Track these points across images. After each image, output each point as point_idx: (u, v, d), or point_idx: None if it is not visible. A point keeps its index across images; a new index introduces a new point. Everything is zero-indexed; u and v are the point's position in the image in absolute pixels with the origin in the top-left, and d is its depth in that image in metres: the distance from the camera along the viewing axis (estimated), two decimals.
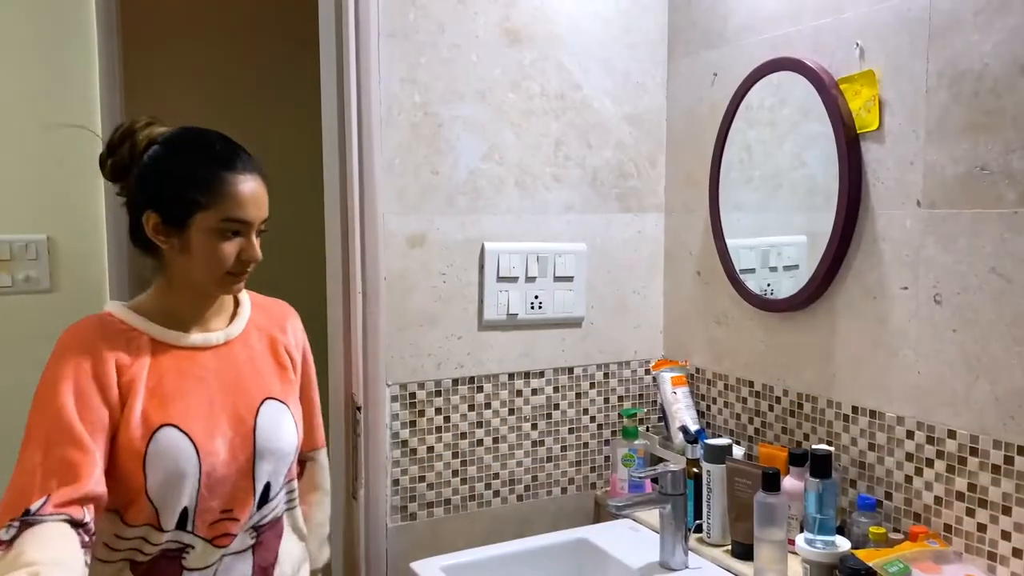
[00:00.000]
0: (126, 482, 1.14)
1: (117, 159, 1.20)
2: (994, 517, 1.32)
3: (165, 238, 1.17)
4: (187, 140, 1.21)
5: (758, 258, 1.78)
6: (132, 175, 1.19)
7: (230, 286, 1.22)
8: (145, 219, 1.17)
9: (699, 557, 1.58)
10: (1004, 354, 1.30)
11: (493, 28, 1.80)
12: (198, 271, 1.18)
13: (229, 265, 1.18)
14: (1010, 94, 1.28)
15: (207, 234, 1.16)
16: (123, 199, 1.22)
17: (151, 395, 1.15)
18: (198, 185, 1.15)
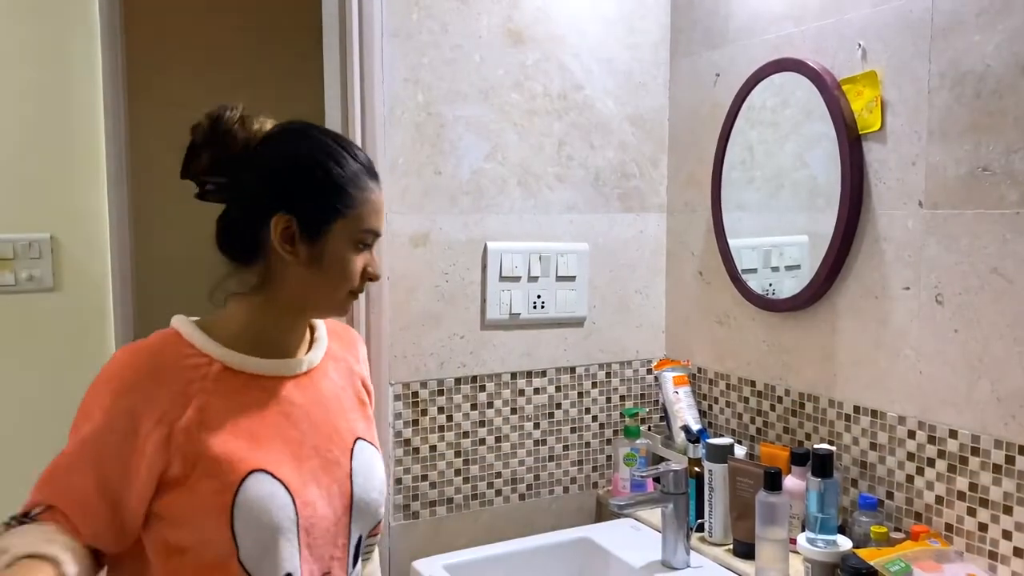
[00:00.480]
0: (203, 552, 0.92)
1: (220, 150, 1.00)
2: (995, 516, 1.33)
3: (291, 247, 0.98)
4: (329, 138, 1.03)
5: (760, 258, 1.79)
6: (248, 171, 1.00)
7: (348, 305, 1.06)
8: (273, 223, 0.98)
9: (701, 556, 1.58)
10: (1005, 354, 1.30)
11: (496, 28, 1.80)
12: (326, 286, 1.02)
13: (356, 281, 1.03)
14: (1012, 95, 1.28)
15: (343, 245, 1.00)
16: (216, 197, 1.03)
17: (230, 436, 0.95)
18: (343, 190, 0.99)
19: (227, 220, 1.03)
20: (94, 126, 1.97)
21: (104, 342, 2.00)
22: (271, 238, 0.99)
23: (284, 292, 1.02)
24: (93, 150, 1.97)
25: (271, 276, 1.01)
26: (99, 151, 1.97)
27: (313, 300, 1.04)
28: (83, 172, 1.97)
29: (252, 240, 1.01)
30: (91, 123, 1.97)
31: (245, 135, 1.01)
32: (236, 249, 1.03)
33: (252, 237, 1.01)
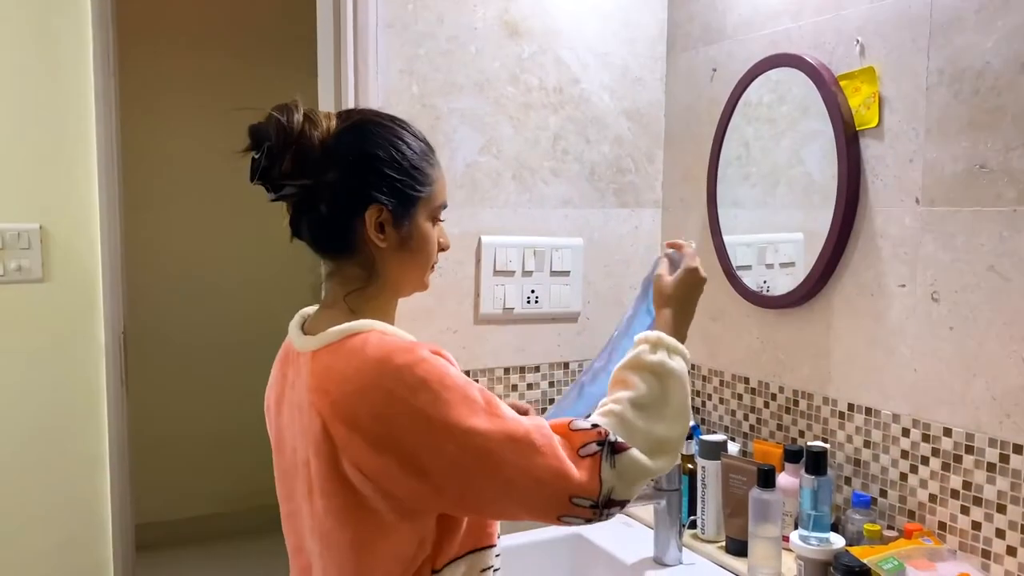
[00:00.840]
0: None
1: (301, 153, 0.99)
2: (988, 515, 1.32)
3: (382, 234, 1.01)
4: (394, 123, 1.05)
5: (755, 255, 1.78)
6: (331, 169, 1.00)
7: (428, 278, 1.11)
8: (368, 215, 1.00)
9: (693, 553, 1.58)
10: (1001, 352, 1.30)
11: (492, 21, 1.79)
12: (415, 266, 1.07)
13: (436, 255, 1.09)
14: (1011, 92, 1.28)
15: (424, 223, 1.05)
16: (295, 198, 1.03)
17: None
18: (421, 171, 1.04)
19: (318, 220, 1.02)
20: (84, 115, 1.95)
21: (93, 333, 1.98)
22: (365, 230, 1.01)
23: (386, 279, 1.05)
24: (83, 140, 1.95)
25: (372, 266, 1.04)
26: (89, 141, 1.95)
27: (406, 281, 1.08)
28: (73, 162, 1.95)
29: (347, 234, 1.02)
30: (81, 112, 1.95)
31: (318, 134, 1.01)
32: (335, 246, 1.04)
33: (347, 232, 1.02)
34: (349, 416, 0.93)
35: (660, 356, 1.05)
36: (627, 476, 0.96)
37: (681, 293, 1.17)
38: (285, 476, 1.09)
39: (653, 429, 1.00)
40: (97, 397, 1.99)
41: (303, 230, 1.05)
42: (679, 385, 1.04)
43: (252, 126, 1.02)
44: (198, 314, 3.61)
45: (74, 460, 1.98)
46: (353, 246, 1.03)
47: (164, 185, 3.50)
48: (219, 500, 3.70)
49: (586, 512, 0.96)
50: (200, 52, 3.53)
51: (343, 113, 1.06)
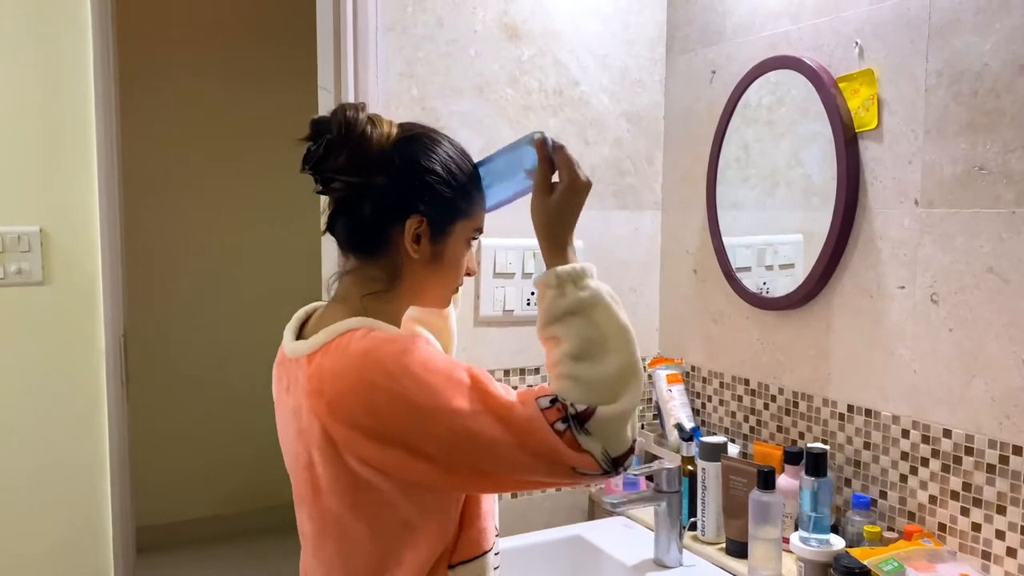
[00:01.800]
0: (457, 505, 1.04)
1: (358, 151, 1.01)
2: (988, 516, 1.32)
3: (417, 245, 1.03)
4: (447, 142, 1.07)
5: (754, 256, 1.78)
6: (384, 173, 1.02)
7: (449, 298, 1.14)
8: (408, 224, 1.02)
9: (693, 555, 1.58)
10: (1000, 354, 1.30)
11: (491, 23, 1.79)
12: (441, 282, 1.09)
13: (462, 277, 1.11)
14: (1009, 94, 1.28)
15: (459, 243, 1.07)
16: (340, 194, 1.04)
17: None
18: (468, 194, 1.06)
19: (357, 218, 1.04)
20: (84, 118, 1.95)
21: (94, 336, 1.98)
22: (401, 237, 1.03)
23: (406, 287, 1.06)
24: (83, 143, 1.95)
25: (397, 272, 1.05)
26: (90, 144, 1.95)
27: (427, 295, 1.10)
28: (73, 165, 1.95)
29: (382, 237, 1.04)
30: (81, 115, 1.95)
31: (378, 137, 1.03)
32: (367, 246, 1.05)
33: (382, 235, 1.04)
34: (345, 414, 0.94)
35: (570, 293, 1.01)
36: (608, 433, 0.95)
37: (563, 209, 1.07)
38: (291, 474, 1.10)
39: (604, 370, 0.97)
40: (97, 400, 1.99)
41: (339, 225, 1.06)
42: (602, 310, 1.01)
43: (316, 118, 1.04)
44: (198, 317, 3.61)
45: (74, 463, 1.98)
46: (383, 249, 1.04)
47: (164, 187, 3.50)
48: (219, 502, 3.70)
49: (598, 477, 0.96)
50: (201, 57, 3.54)
51: (404, 124, 1.08)
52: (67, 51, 1.93)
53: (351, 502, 0.98)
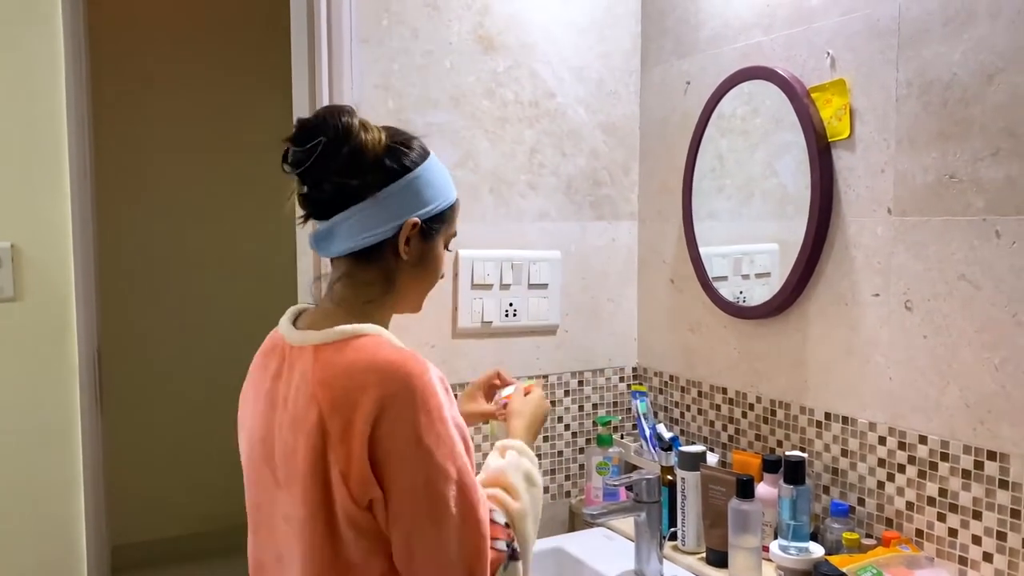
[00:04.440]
0: None
1: (355, 154, 1.03)
2: (964, 522, 1.33)
3: (408, 247, 1.07)
4: (428, 150, 1.12)
5: (731, 266, 1.79)
6: (380, 177, 1.05)
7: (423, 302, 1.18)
8: (404, 226, 1.06)
9: (674, 565, 1.58)
10: (973, 360, 1.31)
11: (467, 35, 1.79)
12: (423, 284, 1.13)
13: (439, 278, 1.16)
14: (978, 103, 1.29)
15: (440, 245, 1.12)
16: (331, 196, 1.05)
17: None
18: (449, 199, 1.11)
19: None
20: (56, 131, 1.93)
21: (67, 353, 1.95)
22: (394, 241, 1.06)
23: (398, 291, 1.10)
24: (56, 156, 1.93)
25: (389, 277, 1.09)
26: (62, 156, 1.93)
27: (411, 297, 1.13)
28: (45, 178, 1.92)
29: (376, 242, 1.06)
30: (53, 128, 1.92)
31: (372, 143, 1.05)
32: (361, 251, 1.07)
33: (377, 239, 1.06)
34: (348, 411, 0.95)
35: (536, 477, 1.13)
36: None
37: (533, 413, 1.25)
38: (255, 465, 1.10)
39: (532, 538, 1.10)
40: (71, 417, 1.96)
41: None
42: (539, 495, 1.13)
43: (305, 119, 1.06)
44: (175, 332, 3.57)
45: (47, 482, 1.95)
46: (377, 253, 1.07)
47: (140, 200, 3.47)
48: (197, 520, 3.65)
49: None
50: (175, 69, 3.52)
51: (389, 128, 1.10)
52: (38, 62, 1.91)
53: (312, 498, 0.98)
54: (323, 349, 1.01)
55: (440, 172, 1.11)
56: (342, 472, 0.95)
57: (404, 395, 0.95)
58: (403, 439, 0.95)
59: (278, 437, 1.04)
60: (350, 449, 0.95)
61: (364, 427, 0.94)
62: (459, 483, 0.97)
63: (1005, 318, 1.27)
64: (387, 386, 0.95)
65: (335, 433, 0.96)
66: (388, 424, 0.95)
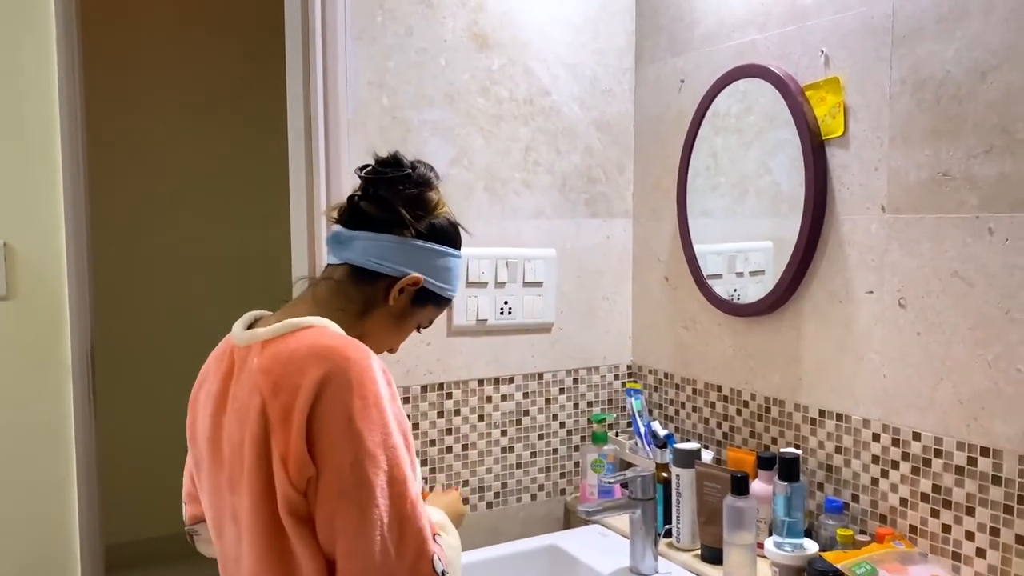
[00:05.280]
0: None
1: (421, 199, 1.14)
2: (958, 518, 1.34)
3: (396, 298, 1.13)
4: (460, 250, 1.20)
5: (725, 264, 1.79)
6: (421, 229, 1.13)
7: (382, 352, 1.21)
8: (409, 278, 1.12)
9: (669, 562, 1.58)
10: (967, 356, 1.32)
11: (461, 33, 1.79)
12: (388, 338, 1.18)
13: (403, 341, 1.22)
14: (971, 101, 1.30)
15: (422, 317, 1.19)
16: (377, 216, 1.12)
17: None
18: (453, 293, 1.19)
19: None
20: (49, 130, 1.92)
21: (60, 351, 1.95)
22: (394, 282, 1.12)
23: (369, 324, 1.14)
24: (48, 154, 1.92)
25: (370, 307, 1.13)
26: (55, 155, 1.92)
27: (376, 339, 1.14)
28: (38, 177, 1.92)
29: (382, 274, 1.12)
30: (46, 127, 1.92)
31: (435, 200, 1.16)
32: (366, 270, 1.12)
33: (384, 272, 1.12)
34: (288, 395, 0.97)
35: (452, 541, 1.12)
36: None
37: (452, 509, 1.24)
38: (208, 468, 1.11)
39: None
40: (64, 415, 1.95)
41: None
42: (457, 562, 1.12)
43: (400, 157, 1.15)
44: (169, 330, 3.56)
45: (41, 480, 1.94)
46: (373, 283, 1.12)
47: (132, 198, 3.46)
48: None
49: None
50: (168, 67, 3.50)
51: (443, 203, 1.19)
52: (30, 61, 1.90)
53: (258, 489, 0.99)
54: (269, 343, 1.04)
55: (458, 273, 1.19)
56: (282, 456, 0.96)
57: (340, 377, 0.96)
58: (336, 420, 0.96)
59: (226, 435, 1.05)
60: (289, 432, 0.96)
61: (303, 408, 0.96)
62: (391, 475, 0.97)
63: (998, 315, 1.27)
64: (325, 369, 0.97)
65: (276, 418, 0.97)
66: (324, 405, 0.96)
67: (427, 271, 1.14)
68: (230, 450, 1.04)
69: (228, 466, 1.04)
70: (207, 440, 1.10)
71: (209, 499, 1.12)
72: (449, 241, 1.17)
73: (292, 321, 1.05)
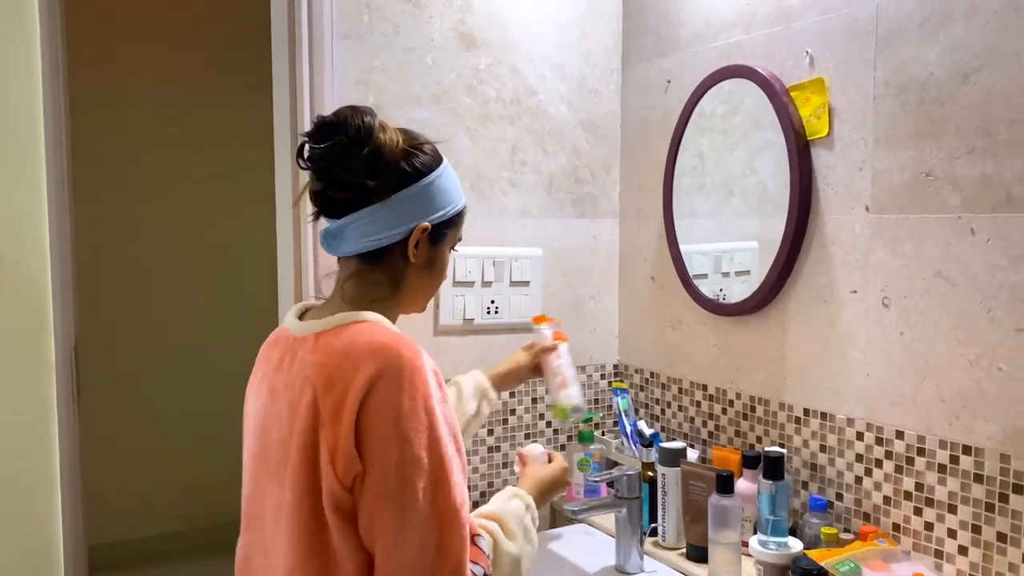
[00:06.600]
0: None
1: (374, 155, 1.05)
2: (940, 516, 1.35)
3: (417, 251, 1.09)
4: (441, 155, 1.13)
5: (711, 263, 1.80)
6: (397, 179, 1.06)
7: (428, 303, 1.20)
8: (416, 230, 1.08)
9: (654, 560, 1.58)
10: (949, 355, 1.33)
11: (448, 32, 1.79)
12: (430, 285, 1.16)
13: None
14: (953, 103, 1.31)
15: (447, 249, 1.15)
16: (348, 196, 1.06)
17: None
18: (459, 202, 1.14)
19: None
20: (33, 130, 1.91)
21: (43, 350, 1.93)
22: (405, 243, 1.08)
23: (404, 292, 1.12)
24: (32, 155, 1.91)
25: (397, 278, 1.11)
26: (39, 156, 1.91)
27: (417, 298, 1.15)
28: (22, 178, 1.90)
29: (388, 243, 1.08)
30: (30, 127, 1.90)
31: (389, 144, 1.07)
32: (372, 251, 1.08)
33: (389, 240, 1.08)
34: (340, 390, 0.97)
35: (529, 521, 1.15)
36: None
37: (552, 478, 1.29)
38: (252, 458, 1.11)
39: None
40: (47, 415, 1.94)
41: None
42: (533, 553, 1.14)
43: (326, 117, 1.06)
44: (153, 329, 3.54)
45: (24, 480, 1.93)
46: (387, 254, 1.09)
47: (116, 198, 3.44)
48: (176, 519, 3.62)
49: None
50: (153, 64, 3.48)
51: (404, 131, 1.11)
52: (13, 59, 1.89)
53: (303, 483, 0.99)
54: (323, 335, 1.03)
55: (452, 177, 1.13)
56: (330, 451, 0.96)
57: (392, 376, 0.96)
58: (384, 418, 0.96)
59: (274, 425, 1.05)
60: (339, 427, 0.96)
61: (354, 404, 0.96)
62: (435, 477, 0.97)
63: (980, 314, 1.29)
64: (378, 366, 0.96)
65: (327, 413, 0.97)
66: (374, 402, 0.96)
67: (424, 212, 1.08)
68: (278, 440, 1.04)
69: (275, 456, 1.04)
70: (257, 430, 1.10)
71: (248, 489, 1.12)
72: (425, 169, 1.09)
73: (346, 315, 1.05)
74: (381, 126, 1.07)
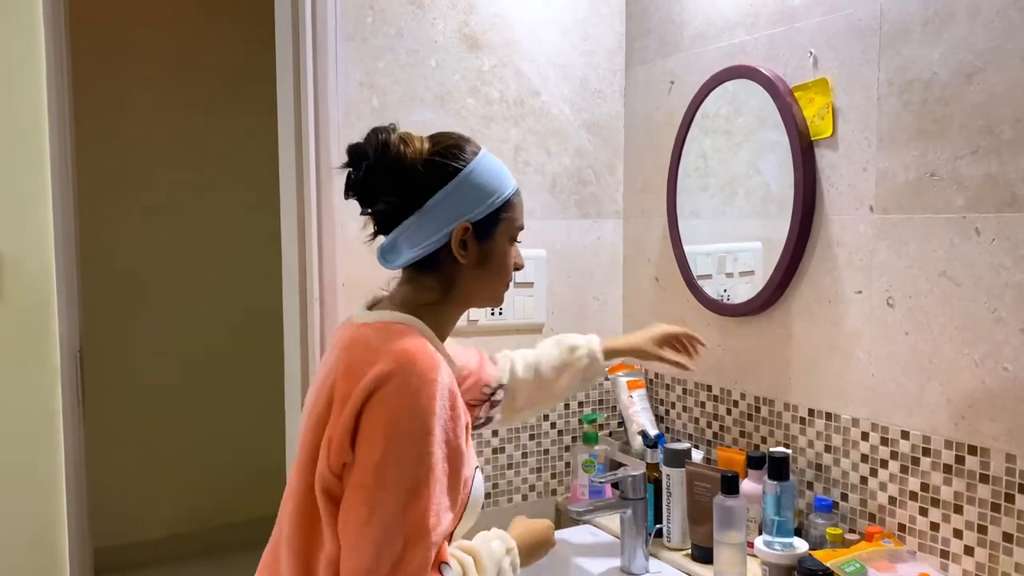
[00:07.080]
0: None
1: (394, 172, 1.08)
2: (946, 516, 1.35)
3: (464, 251, 1.10)
4: (478, 149, 1.14)
5: (715, 264, 1.80)
6: (424, 189, 1.08)
7: (504, 295, 1.20)
8: (454, 233, 1.09)
9: (659, 561, 1.58)
10: (954, 356, 1.33)
11: (452, 34, 1.79)
12: (492, 281, 1.16)
13: (511, 273, 1.18)
14: (956, 102, 1.31)
15: (504, 243, 1.14)
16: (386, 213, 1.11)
17: None
18: (503, 196, 1.13)
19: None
20: (38, 134, 1.91)
21: (48, 354, 1.94)
22: (449, 247, 1.10)
23: (459, 292, 1.14)
24: (37, 158, 1.91)
25: (448, 281, 1.13)
26: (43, 159, 1.91)
27: (481, 295, 1.17)
28: (27, 181, 1.91)
29: (431, 251, 1.10)
30: (35, 130, 1.91)
31: (412, 155, 1.09)
32: (417, 262, 1.12)
33: (431, 248, 1.10)
34: (354, 378, 1.00)
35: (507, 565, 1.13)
36: None
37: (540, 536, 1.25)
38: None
39: None
40: (52, 418, 1.94)
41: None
42: None
43: (351, 145, 1.11)
44: (156, 334, 3.54)
45: (29, 483, 1.93)
46: (434, 261, 1.11)
47: (121, 201, 3.44)
48: (180, 521, 3.63)
49: None
50: (156, 71, 3.49)
51: (434, 137, 1.14)
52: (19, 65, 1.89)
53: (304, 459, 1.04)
54: (366, 325, 1.08)
55: (490, 169, 1.12)
56: (329, 435, 1.00)
57: (399, 380, 0.99)
58: (379, 416, 0.98)
59: (311, 400, 1.10)
60: (341, 414, 0.99)
61: (359, 396, 0.99)
62: (413, 491, 0.98)
63: (984, 314, 1.28)
64: (390, 367, 0.99)
65: (338, 398, 1.01)
66: (376, 400, 0.99)
67: (461, 212, 1.09)
68: (305, 416, 1.09)
69: (300, 436, 1.09)
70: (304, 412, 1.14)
71: None
72: (452, 171, 1.10)
73: (392, 313, 1.09)
74: (403, 139, 1.09)
